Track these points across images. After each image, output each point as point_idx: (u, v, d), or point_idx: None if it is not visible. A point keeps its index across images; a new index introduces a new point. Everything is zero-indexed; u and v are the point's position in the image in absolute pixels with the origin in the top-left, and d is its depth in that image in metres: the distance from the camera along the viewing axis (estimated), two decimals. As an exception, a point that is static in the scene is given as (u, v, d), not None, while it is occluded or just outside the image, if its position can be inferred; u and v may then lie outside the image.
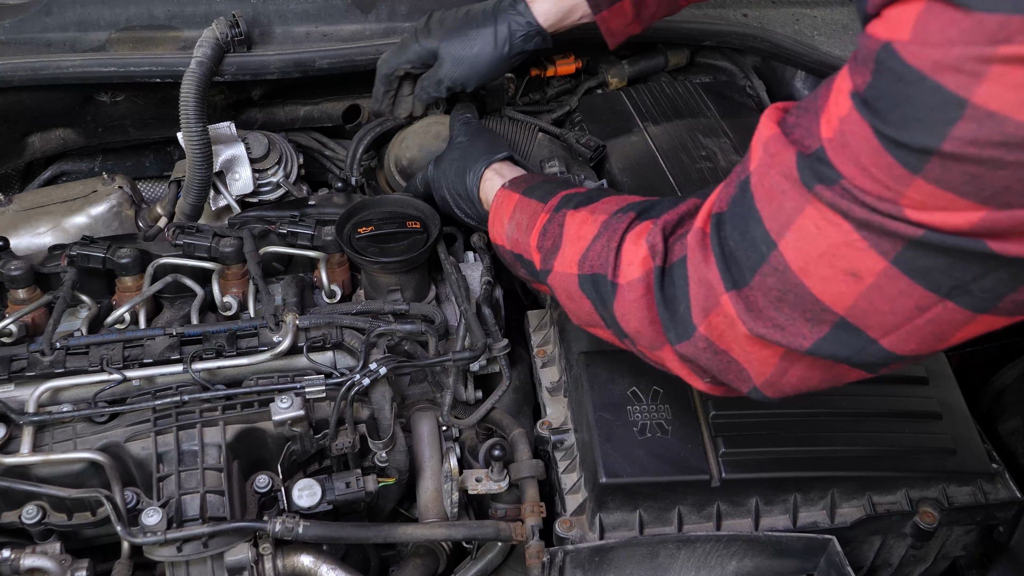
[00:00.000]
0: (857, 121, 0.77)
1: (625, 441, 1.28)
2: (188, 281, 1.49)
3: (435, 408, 1.50)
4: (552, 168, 1.64)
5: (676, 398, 1.32)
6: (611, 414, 1.31)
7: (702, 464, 1.26)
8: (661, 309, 1.03)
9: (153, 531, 1.21)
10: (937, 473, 1.33)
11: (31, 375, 1.36)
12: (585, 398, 1.34)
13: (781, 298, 0.90)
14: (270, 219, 1.57)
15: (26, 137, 1.83)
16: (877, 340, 0.88)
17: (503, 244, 1.35)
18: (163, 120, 1.82)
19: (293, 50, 1.70)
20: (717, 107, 1.88)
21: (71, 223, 1.64)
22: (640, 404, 1.32)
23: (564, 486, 1.38)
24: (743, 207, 0.92)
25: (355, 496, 1.32)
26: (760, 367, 0.98)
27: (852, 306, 0.86)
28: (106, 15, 1.72)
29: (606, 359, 1.37)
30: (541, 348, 1.56)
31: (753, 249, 0.91)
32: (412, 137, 1.70)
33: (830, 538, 1.25)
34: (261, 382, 1.37)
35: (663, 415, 1.31)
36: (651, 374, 1.29)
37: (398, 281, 1.50)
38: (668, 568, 1.27)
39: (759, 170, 0.90)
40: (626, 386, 1.34)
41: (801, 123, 0.86)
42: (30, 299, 1.47)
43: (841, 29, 2.02)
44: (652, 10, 1.58)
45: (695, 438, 1.29)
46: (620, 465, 1.26)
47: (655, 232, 1.05)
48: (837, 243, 0.83)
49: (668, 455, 1.27)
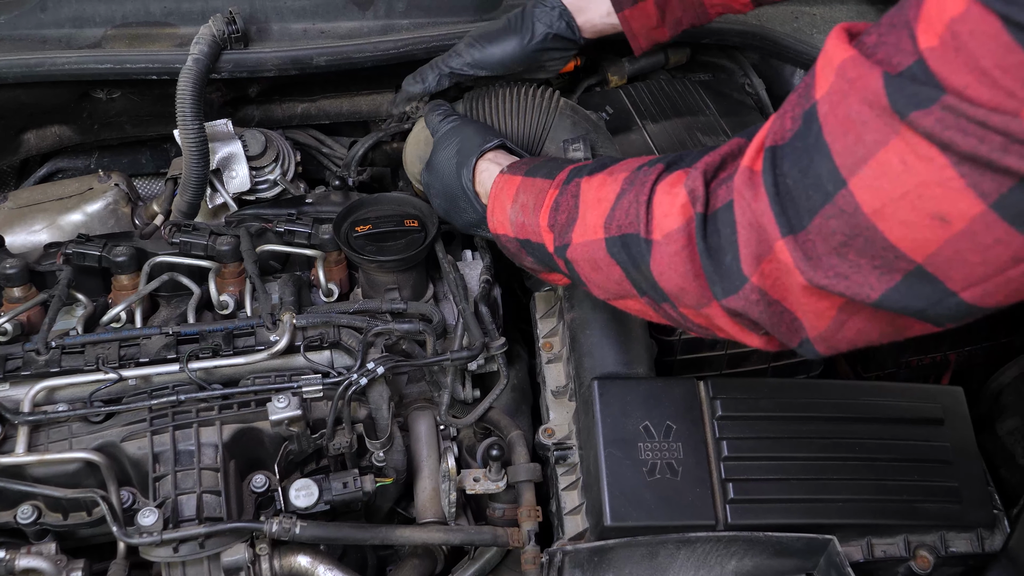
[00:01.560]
0: (979, 16, 0.67)
1: (633, 482, 1.25)
2: (184, 279, 1.48)
3: (433, 407, 1.50)
4: (577, 152, 1.47)
5: (689, 436, 1.29)
6: (621, 451, 1.28)
7: (709, 511, 1.25)
8: (705, 260, 0.94)
9: (149, 531, 1.20)
10: (939, 521, 1.34)
11: (26, 374, 1.35)
12: (596, 430, 1.30)
13: (847, 243, 0.81)
14: (267, 217, 1.56)
15: (22, 134, 1.82)
16: (957, 292, 0.78)
17: (506, 232, 1.27)
18: (160, 117, 1.81)
19: (290, 47, 1.68)
20: (716, 105, 1.87)
21: (67, 221, 1.64)
22: (652, 441, 1.29)
23: (564, 504, 1.36)
24: (807, 140, 0.82)
25: (352, 496, 1.31)
26: (815, 320, 0.89)
27: (934, 254, 0.77)
28: (102, 11, 1.71)
29: (620, 388, 1.33)
30: (547, 340, 1.52)
31: (816, 188, 0.81)
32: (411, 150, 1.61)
33: (830, 538, 1.25)
34: (258, 381, 1.36)
35: (674, 454, 1.28)
36: (665, 407, 1.30)
37: (396, 280, 1.49)
38: (667, 568, 1.27)
39: (831, 97, 0.80)
40: (639, 419, 1.30)
41: (887, 40, 0.76)
42: (25, 297, 1.46)
43: (841, 27, 2.02)
44: (677, 15, 1.50)
45: (704, 481, 1.27)
46: (626, 509, 1.24)
47: (694, 176, 0.95)
48: (926, 181, 0.73)
49: (676, 499, 1.25)
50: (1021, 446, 1.66)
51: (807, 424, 1.33)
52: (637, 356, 1.41)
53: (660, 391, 1.33)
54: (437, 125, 1.45)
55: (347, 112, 1.92)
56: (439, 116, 1.46)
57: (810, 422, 1.33)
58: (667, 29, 1.52)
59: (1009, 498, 1.53)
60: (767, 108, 1.98)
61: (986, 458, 1.44)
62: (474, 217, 1.37)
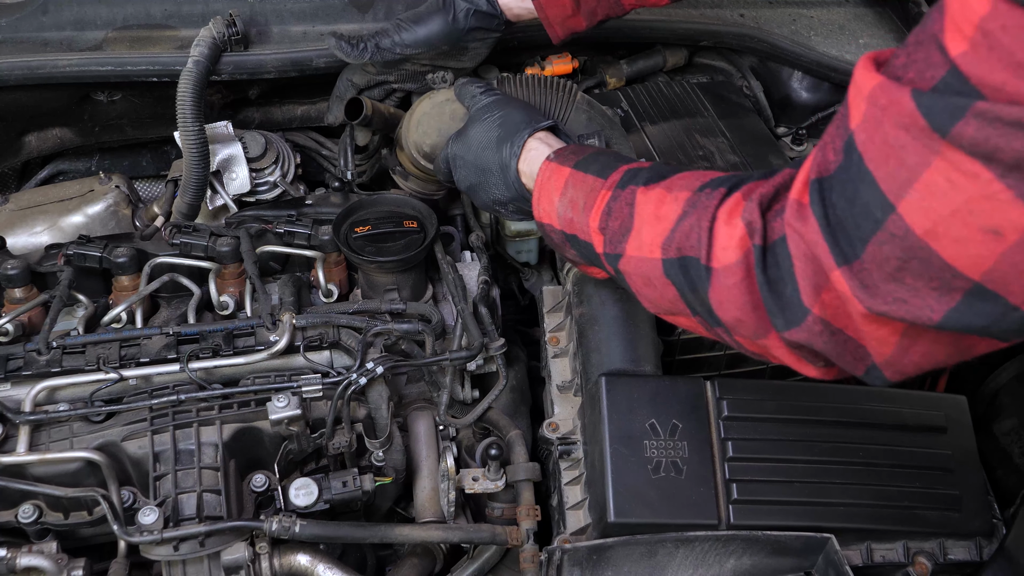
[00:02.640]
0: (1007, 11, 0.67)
1: (638, 479, 1.25)
2: (185, 280, 1.49)
3: (432, 407, 1.50)
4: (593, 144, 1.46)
5: (694, 435, 1.30)
6: (627, 448, 1.27)
7: (712, 510, 1.25)
8: (765, 293, 0.93)
9: (149, 530, 1.21)
10: (939, 528, 1.35)
11: (27, 374, 1.36)
12: (602, 425, 1.30)
13: (902, 267, 0.80)
14: (267, 218, 1.57)
15: (23, 136, 1.83)
16: (1019, 306, 0.77)
17: (552, 223, 1.24)
18: (160, 119, 1.82)
19: (290, 49, 1.69)
20: (714, 107, 1.88)
21: (68, 222, 1.64)
22: (657, 439, 1.29)
23: (566, 499, 1.36)
24: (850, 170, 0.82)
25: (352, 495, 1.32)
26: (879, 346, 0.88)
27: (991, 269, 0.75)
28: (103, 14, 1.72)
29: (627, 385, 1.33)
30: (554, 335, 1.52)
31: (865, 216, 0.81)
32: (428, 121, 1.56)
33: (829, 536, 1.25)
34: (258, 381, 1.37)
35: (679, 452, 1.28)
36: (672, 406, 1.30)
37: (395, 280, 1.49)
38: (666, 566, 1.27)
39: (866, 126, 0.80)
40: (645, 417, 1.30)
41: (916, 58, 0.76)
42: (26, 298, 1.46)
43: (838, 29, 2.02)
44: (592, 5, 1.52)
45: (708, 481, 1.27)
46: (630, 505, 1.24)
47: (751, 208, 0.94)
48: (974, 197, 0.72)
49: (680, 497, 1.25)
50: (1018, 446, 1.66)
51: (811, 427, 1.33)
52: (645, 354, 1.40)
53: (667, 389, 1.33)
54: (477, 98, 1.41)
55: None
56: (479, 89, 1.43)
57: (814, 425, 1.34)
58: (583, 19, 1.54)
59: (1005, 498, 1.53)
60: (765, 110, 1.99)
61: (982, 458, 1.44)
62: (502, 195, 1.33)
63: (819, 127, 2.00)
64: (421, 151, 1.55)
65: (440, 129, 1.52)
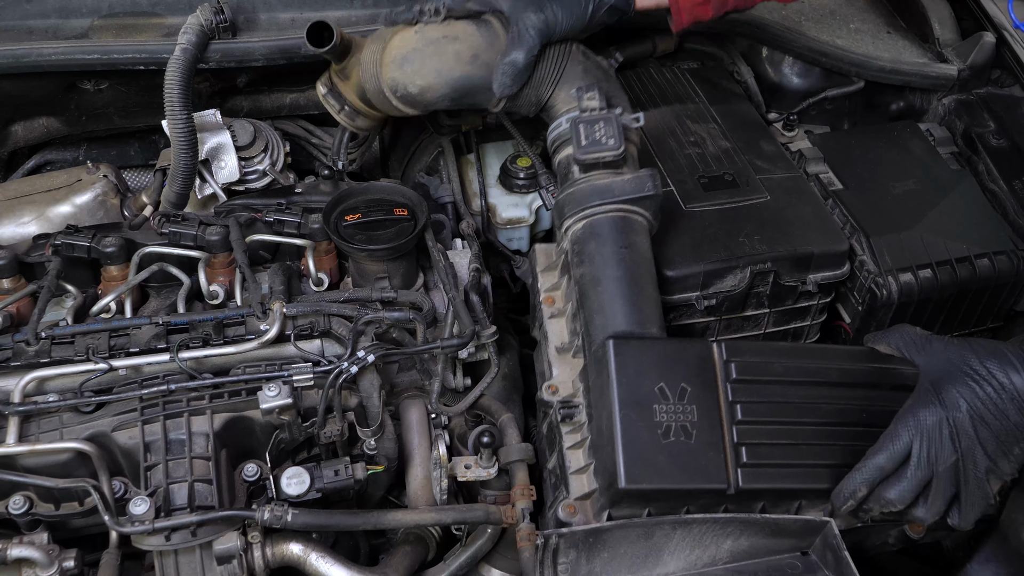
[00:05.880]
0: None
1: (648, 444, 1.23)
2: (174, 270, 1.48)
3: (424, 396, 1.50)
4: (592, 101, 1.43)
5: (703, 398, 1.27)
6: (636, 413, 1.25)
7: (721, 474, 1.24)
8: None
9: (141, 520, 1.20)
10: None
11: (16, 365, 1.35)
12: (610, 390, 1.27)
13: None
14: (256, 207, 1.56)
15: (9, 126, 1.82)
16: None
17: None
18: (148, 108, 1.81)
19: (278, 36, 1.68)
20: (705, 93, 1.88)
21: (55, 212, 1.63)
22: (667, 403, 1.26)
23: (569, 464, 1.34)
24: None
25: (344, 484, 1.32)
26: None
27: None
28: (88, 2, 1.70)
29: (635, 348, 1.30)
30: (549, 295, 1.49)
31: None
32: (420, 59, 1.46)
33: (827, 520, 1.25)
34: (248, 370, 1.36)
35: (688, 416, 1.26)
36: (680, 369, 1.28)
37: (386, 269, 1.49)
38: (663, 548, 1.27)
39: None
40: (654, 381, 1.27)
41: None
42: (14, 289, 1.46)
43: (829, 14, 2.02)
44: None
45: (717, 445, 1.25)
46: (641, 471, 1.22)
47: None
48: None
49: (690, 462, 1.23)
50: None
51: (818, 389, 1.32)
52: (650, 315, 1.37)
53: (675, 352, 1.30)
54: None
55: (336, 102, 1.91)
56: None
57: (821, 387, 1.32)
58: (711, 9, 1.52)
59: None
60: (755, 96, 1.99)
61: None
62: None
63: (809, 112, 2.00)
64: (400, 92, 1.48)
65: (440, 71, 1.46)
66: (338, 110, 1.62)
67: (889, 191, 1.72)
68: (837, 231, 1.62)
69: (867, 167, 1.78)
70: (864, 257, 1.62)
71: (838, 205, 1.70)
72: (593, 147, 1.41)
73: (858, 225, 1.65)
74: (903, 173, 1.76)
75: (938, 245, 1.63)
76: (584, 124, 1.42)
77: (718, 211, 1.61)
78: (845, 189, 1.73)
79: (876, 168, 1.78)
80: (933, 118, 1.97)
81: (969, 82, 1.95)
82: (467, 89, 1.49)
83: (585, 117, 1.42)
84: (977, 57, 1.94)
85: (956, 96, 1.95)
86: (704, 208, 1.61)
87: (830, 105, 1.99)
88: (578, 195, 1.42)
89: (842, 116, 2.02)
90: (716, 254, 1.53)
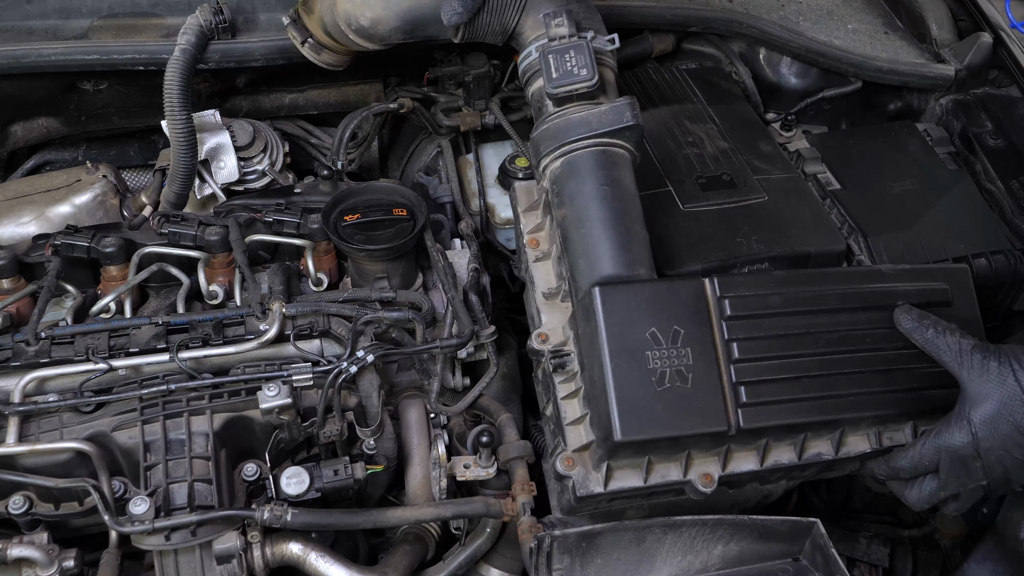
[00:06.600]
0: None
1: (642, 393, 1.19)
2: (174, 270, 1.49)
3: (423, 395, 1.50)
4: (560, 28, 1.35)
5: (697, 340, 1.23)
6: (628, 362, 1.19)
7: (721, 417, 1.20)
8: None
9: (141, 520, 1.21)
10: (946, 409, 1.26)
11: (16, 365, 1.35)
12: (599, 339, 1.21)
13: None
14: (256, 207, 1.56)
15: (9, 126, 1.82)
16: None
17: None
18: (147, 108, 1.81)
19: (278, 36, 1.69)
20: (703, 93, 1.88)
21: (55, 212, 1.64)
22: (659, 348, 1.21)
23: (565, 415, 1.29)
24: None
25: (343, 484, 1.32)
26: None
27: None
28: (88, 2, 1.71)
29: (623, 294, 1.24)
30: (532, 237, 1.42)
31: None
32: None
33: (814, 521, 1.25)
34: (248, 370, 1.37)
35: (683, 360, 1.21)
36: (672, 311, 1.23)
37: (385, 269, 1.49)
38: (655, 553, 1.27)
39: None
40: (645, 326, 1.21)
41: None
42: (14, 289, 1.46)
43: (826, 15, 2.02)
44: None
45: (715, 387, 1.21)
46: (637, 422, 1.17)
47: None
48: None
49: (687, 407, 1.19)
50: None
51: (816, 317, 1.28)
52: (638, 256, 1.31)
53: (665, 294, 1.25)
54: None
55: (335, 102, 1.92)
56: None
57: (819, 315, 1.28)
58: None
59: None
60: (754, 96, 1.99)
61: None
62: None
63: (807, 112, 2.00)
64: (354, 25, 1.47)
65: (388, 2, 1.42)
66: (301, 42, 1.60)
67: (887, 191, 1.73)
68: (835, 231, 1.62)
69: (865, 167, 1.78)
70: (862, 257, 1.63)
71: (836, 205, 1.70)
72: (564, 79, 1.33)
73: (856, 225, 1.65)
74: (901, 173, 1.77)
75: (936, 245, 1.64)
76: (553, 55, 1.34)
77: (716, 211, 1.61)
78: (843, 189, 1.73)
79: (874, 168, 1.78)
80: (931, 118, 1.98)
81: (966, 82, 1.95)
82: (418, 20, 1.45)
83: (554, 47, 1.34)
84: (974, 57, 1.94)
85: (953, 96, 1.96)
86: (702, 208, 1.61)
87: (828, 105, 2.00)
88: (553, 131, 1.35)
89: (840, 116, 2.03)
90: (714, 254, 1.53)
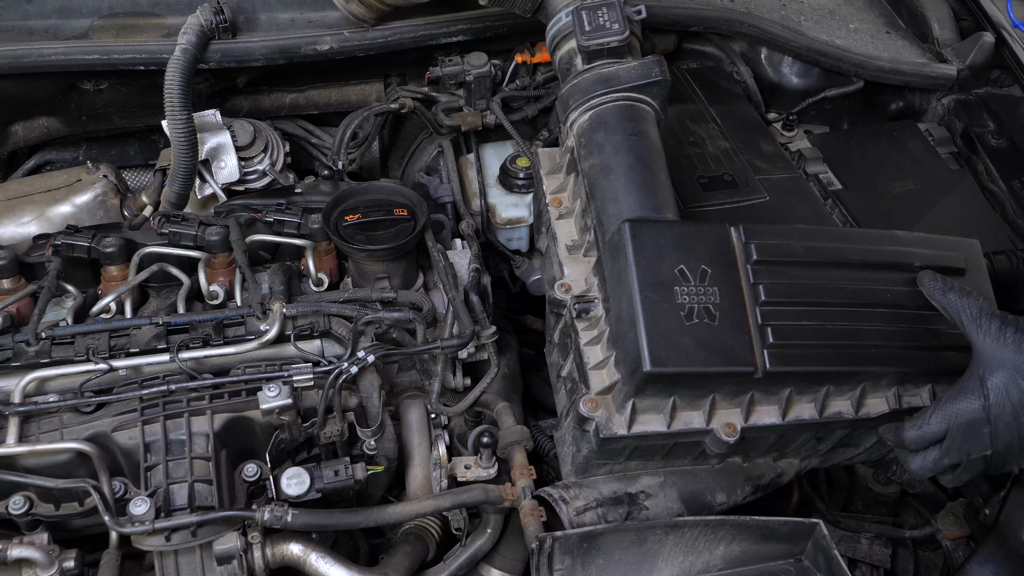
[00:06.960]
0: None
1: (671, 326, 1.19)
2: (174, 270, 1.48)
3: (423, 396, 1.50)
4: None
5: (724, 280, 1.24)
6: (657, 295, 1.20)
7: (748, 356, 1.20)
8: None
9: (141, 521, 1.21)
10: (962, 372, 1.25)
11: (16, 365, 1.35)
12: (628, 273, 1.22)
13: None
14: (256, 207, 1.56)
15: (9, 126, 1.82)
16: None
17: None
18: (148, 108, 1.81)
19: (278, 37, 1.69)
20: (705, 93, 1.88)
21: (55, 212, 1.63)
22: (688, 284, 1.22)
23: (587, 360, 1.30)
24: None
25: (344, 484, 1.32)
26: None
27: None
28: (89, 2, 1.71)
29: (652, 230, 1.26)
30: (555, 196, 1.46)
31: None
32: None
33: (816, 522, 1.25)
34: (248, 371, 1.37)
35: (711, 298, 1.22)
36: (699, 251, 1.25)
37: (385, 269, 1.49)
38: (656, 554, 1.27)
39: None
40: (674, 263, 1.23)
41: None
42: (15, 289, 1.46)
43: (828, 14, 2.02)
44: None
45: (742, 326, 1.22)
46: (666, 353, 1.18)
47: None
48: None
49: (715, 344, 1.19)
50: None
51: (839, 271, 1.29)
52: (664, 201, 1.35)
53: (693, 235, 1.27)
54: None
55: (335, 102, 1.92)
56: None
57: (842, 268, 1.29)
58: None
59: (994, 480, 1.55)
60: (755, 96, 1.99)
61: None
62: None
63: (809, 112, 2.00)
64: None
65: None
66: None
67: (888, 191, 1.73)
68: (836, 231, 1.62)
69: (866, 167, 1.78)
70: (863, 257, 1.63)
71: (837, 205, 1.70)
72: (597, 32, 1.42)
73: (857, 225, 1.65)
74: (902, 173, 1.77)
75: (937, 245, 1.64)
76: (587, 11, 1.43)
77: (717, 211, 1.61)
78: (844, 189, 1.73)
79: (875, 168, 1.78)
80: (932, 118, 1.98)
81: (968, 82, 1.95)
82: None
83: (587, 4, 1.43)
84: (976, 57, 1.94)
85: (955, 96, 1.96)
86: (703, 208, 1.61)
87: (829, 105, 2.00)
88: (583, 85, 1.41)
89: (841, 116, 2.03)
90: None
